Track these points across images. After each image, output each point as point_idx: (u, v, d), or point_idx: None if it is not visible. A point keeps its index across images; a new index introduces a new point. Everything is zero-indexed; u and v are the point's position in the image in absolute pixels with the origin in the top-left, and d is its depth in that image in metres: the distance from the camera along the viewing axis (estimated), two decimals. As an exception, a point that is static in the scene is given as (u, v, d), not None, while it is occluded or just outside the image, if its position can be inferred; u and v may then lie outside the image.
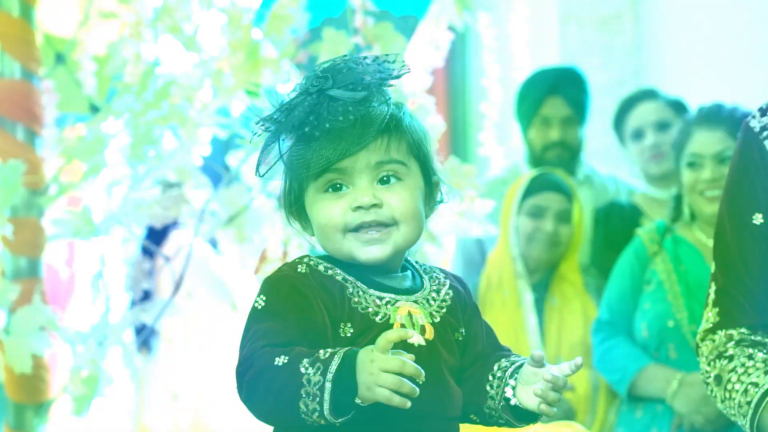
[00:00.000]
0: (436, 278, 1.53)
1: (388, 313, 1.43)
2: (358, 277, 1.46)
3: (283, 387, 1.31)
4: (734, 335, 1.72)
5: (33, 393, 2.82)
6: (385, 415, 1.37)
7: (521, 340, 2.95)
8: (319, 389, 1.28)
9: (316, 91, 1.42)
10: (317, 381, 1.28)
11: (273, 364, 1.31)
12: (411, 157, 1.48)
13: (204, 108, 3.02)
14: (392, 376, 1.26)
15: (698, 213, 2.72)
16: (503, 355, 1.51)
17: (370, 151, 1.43)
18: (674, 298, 2.69)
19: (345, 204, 1.44)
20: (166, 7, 2.96)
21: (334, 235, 1.45)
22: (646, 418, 2.69)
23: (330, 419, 1.29)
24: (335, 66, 1.44)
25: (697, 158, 2.69)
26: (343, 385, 1.28)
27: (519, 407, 1.44)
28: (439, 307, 1.49)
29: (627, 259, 2.82)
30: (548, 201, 2.99)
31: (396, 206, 1.44)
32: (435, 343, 1.45)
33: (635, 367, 2.69)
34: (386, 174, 1.45)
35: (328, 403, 1.28)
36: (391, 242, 1.45)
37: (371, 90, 1.43)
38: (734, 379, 1.67)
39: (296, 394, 1.29)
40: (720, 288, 1.74)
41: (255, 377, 1.33)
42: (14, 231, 2.77)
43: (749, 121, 1.75)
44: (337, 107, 1.40)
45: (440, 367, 1.45)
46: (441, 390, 1.44)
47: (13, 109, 2.84)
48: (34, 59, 2.87)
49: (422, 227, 1.49)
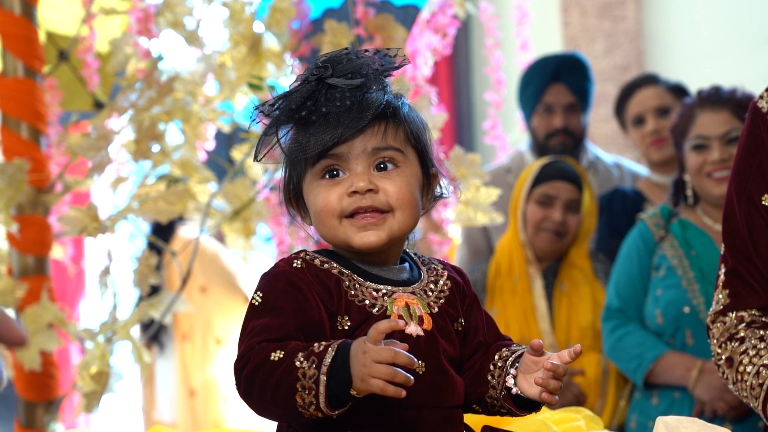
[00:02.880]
0: (434, 269, 1.54)
1: (385, 305, 1.43)
2: (355, 270, 1.46)
3: (279, 382, 1.31)
4: (745, 317, 1.71)
5: (43, 390, 2.83)
6: (386, 406, 1.38)
7: (531, 325, 2.95)
8: (314, 382, 1.28)
9: (315, 79, 1.43)
10: (312, 374, 1.29)
11: (269, 359, 1.32)
12: (408, 145, 1.48)
13: (208, 103, 3.02)
14: (385, 367, 1.25)
15: (705, 196, 2.70)
16: (504, 345, 1.51)
17: (367, 136, 1.44)
18: (689, 284, 2.67)
19: (341, 190, 1.44)
20: (167, 3, 2.96)
21: (330, 221, 1.45)
22: (663, 405, 2.68)
23: (326, 412, 1.30)
24: (335, 57, 1.45)
25: (703, 140, 2.67)
26: (337, 377, 1.28)
27: (520, 396, 1.44)
28: (437, 298, 1.49)
29: (633, 244, 2.80)
30: (558, 190, 2.98)
31: (392, 192, 1.45)
32: (433, 334, 1.45)
33: (652, 355, 2.66)
34: (383, 160, 1.45)
35: (323, 396, 1.28)
36: (387, 228, 1.45)
37: (369, 77, 1.43)
38: (746, 361, 1.67)
39: (293, 388, 1.30)
40: (730, 270, 1.74)
41: (252, 373, 1.34)
42: (20, 229, 2.78)
43: (757, 102, 1.74)
44: (335, 93, 1.41)
45: (439, 357, 1.45)
46: (441, 380, 1.44)
47: (17, 107, 2.84)
48: (36, 57, 2.87)
49: (418, 215, 1.50)
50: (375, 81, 1.44)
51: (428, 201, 1.54)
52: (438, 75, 6.01)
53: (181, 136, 3.03)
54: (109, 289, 2.83)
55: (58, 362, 2.99)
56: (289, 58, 2.93)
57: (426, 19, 3.13)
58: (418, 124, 1.50)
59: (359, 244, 1.44)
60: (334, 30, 2.70)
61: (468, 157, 2.70)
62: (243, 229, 3.03)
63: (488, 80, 4.12)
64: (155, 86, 2.81)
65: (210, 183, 3.03)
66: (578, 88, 3.38)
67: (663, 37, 5.53)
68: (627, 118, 3.38)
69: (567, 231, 2.98)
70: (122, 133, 2.90)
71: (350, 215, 1.45)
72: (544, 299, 2.99)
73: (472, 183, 2.71)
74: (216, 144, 3.11)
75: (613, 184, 3.44)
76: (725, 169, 2.61)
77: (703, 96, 2.71)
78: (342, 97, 1.41)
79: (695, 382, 2.59)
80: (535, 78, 3.41)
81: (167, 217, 2.81)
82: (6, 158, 2.82)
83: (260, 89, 2.86)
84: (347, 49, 1.47)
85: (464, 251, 3.46)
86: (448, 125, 6.22)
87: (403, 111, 1.48)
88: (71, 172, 3.13)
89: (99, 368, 2.67)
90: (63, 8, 3.39)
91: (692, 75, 3.99)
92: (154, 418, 4.76)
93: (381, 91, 1.44)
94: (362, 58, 1.45)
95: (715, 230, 2.67)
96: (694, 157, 2.69)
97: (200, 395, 4.62)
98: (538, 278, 3.01)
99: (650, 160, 3.34)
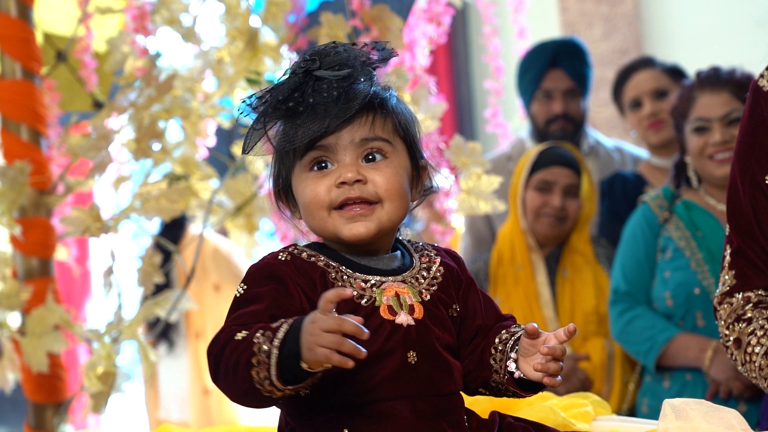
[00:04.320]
0: (428, 255, 1.54)
1: (373, 296, 1.43)
2: (343, 262, 1.46)
3: (239, 359, 1.31)
4: (752, 297, 1.71)
5: (51, 392, 2.83)
6: (378, 399, 1.38)
7: (535, 312, 2.95)
8: (267, 356, 1.28)
9: (303, 71, 1.43)
10: (266, 349, 1.28)
11: (234, 338, 1.33)
12: (397, 136, 1.48)
13: (207, 99, 3.02)
14: (332, 335, 1.24)
15: (708, 177, 2.70)
16: (503, 327, 1.51)
17: (355, 127, 1.44)
18: (698, 265, 2.66)
19: (330, 181, 1.45)
20: (163, 0, 2.95)
21: (319, 213, 1.46)
22: (675, 388, 2.67)
23: (278, 386, 1.29)
24: (323, 50, 1.46)
25: (704, 122, 2.66)
26: (287, 349, 1.28)
27: (524, 379, 1.44)
28: (429, 285, 1.49)
29: (638, 226, 2.79)
30: (556, 175, 2.98)
31: (380, 183, 1.45)
32: (425, 322, 1.45)
33: (664, 337, 2.65)
34: (371, 151, 1.45)
35: (274, 369, 1.28)
36: (375, 219, 1.45)
37: (356, 68, 1.44)
38: (754, 342, 1.67)
39: (249, 364, 1.30)
40: (735, 250, 1.73)
41: (219, 353, 1.35)
42: (24, 232, 2.78)
43: (758, 81, 1.73)
44: (321, 85, 1.42)
45: (432, 345, 1.44)
46: (435, 368, 1.44)
47: (16, 110, 2.84)
48: (34, 59, 2.86)
49: (407, 206, 1.49)
50: (362, 72, 1.44)
51: (418, 193, 1.54)
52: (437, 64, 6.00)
53: (182, 133, 3.03)
54: (113, 288, 2.83)
55: (67, 363, 2.99)
56: (286, 52, 2.92)
57: (423, 9, 3.12)
58: (407, 116, 1.51)
59: (348, 236, 1.45)
60: (330, 22, 2.69)
61: (468, 145, 2.69)
62: (246, 225, 3.03)
63: (487, 68, 4.11)
64: (154, 84, 2.81)
65: (212, 179, 3.03)
66: (576, 73, 3.38)
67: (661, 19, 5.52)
68: (624, 101, 3.38)
69: (567, 216, 2.99)
70: (122, 132, 2.90)
71: (339, 207, 1.45)
72: (547, 286, 2.99)
73: (474, 171, 2.70)
74: (217, 140, 3.10)
75: (615, 168, 3.44)
76: (727, 150, 2.60)
77: (703, 77, 2.70)
78: (329, 88, 1.41)
79: (710, 362, 2.58)
80: (533, 64, 3.41)
81: (170, 215, 2.81)
82: (7, 161, 2.81)
83: (258, 84, 2.85)
84: (335, 42, 1.47)
85: (468, 240, 3.46)
86: (449, 115, 6.21)
87: (391, 102, 1.49)
88: (72, 172, 3.13)
89: (105, 368, 2.67)
90: (59, 8, 3.38)
91: (691, 57, 3.98)
92: (159, 417, 4.76)
93: (368, 82, 1.45)
94: (350, 51, 1.45)
95: (719, 210, 2.67)
96: (696, 140, 2.68)
97: (214, 394, 4.62)
98: (540, 265, 3.01)
99: (649, 143, 3.33)
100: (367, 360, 1.32)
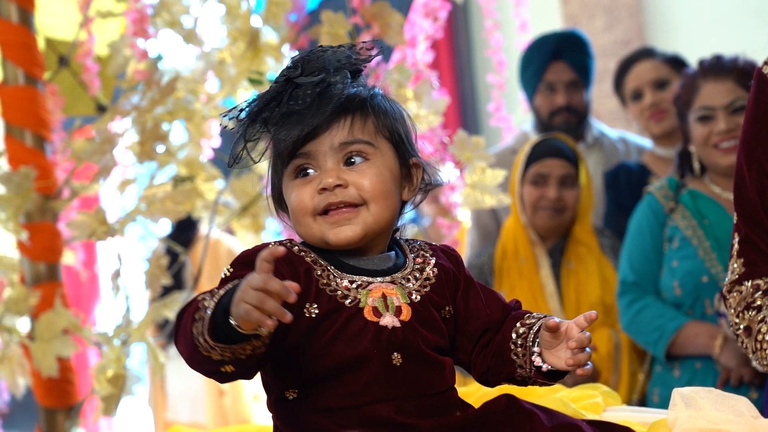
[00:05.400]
0: (423, 256, 1.52)
1: (358, 297, 1.43)
2: (332, 261, 1.46)
3: (188, 317, 1.33)
4: (761, 285, 1.71)
5: (62, 396, 2.84)
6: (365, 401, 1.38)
7: (541, 305, 2.95)
8: (205, 311, 1.29)
9: (284, 79, 1.43)
10: (206, 305, 1.30)
11: (191, 304, 1.34)
12: (380, 137, 1.47)
13: (210, 100, 3.02)
14: (256, 293, 1.22)
15: (713, 166, 2.69)
16: (516, 318, 1.50)
17: (333, 132, 1.44)
18: (705, 253, 2.65)
19: (312, 188, 1.45)
20: (164, 2, 2.95)
21: (305, 219, 1.46)
22: (686, 377, 2.66)
23: (208, 340, 1.28)
24: (307, 55, 1.45)
25: (708, 111, 2.65)
26: (221, 304, 1.28)
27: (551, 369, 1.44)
28: (421, 286, 1.48)
29: (644, 217, 2.79)
30: (549, 167, 2.98)
31: (363, 186, 1.44)
32: (411, 324, 1.43)
33: (674, 326, 2.65)
34: (351, 154, 1.45)
35: (207, 322, 1.28)
36: (361, 222, 1.45)
37: (329, 72, 1.42)
38: (764, 330, 1.67)
39: (193, 319, 1.31)
40: (743, 238, 1.73)
41: (179, 316, 1.37)
42: (30, 237, 2.78)
43: (762, 68, 1.72)
44: (298, 92, 1.41)
45: (419, 346, 1.43)
46: (422, 369, 1.43)
47: (20, 115, 2.84)
48: (36, 64, 2.86)
49: (395, 206, 1.48)
50: (337, 75, 1.43)
51: (411, 192, 1.53)
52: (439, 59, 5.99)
53: (186, 135, 3.03)
54: (121, 291, 2.83)
55: (77, 367, 2.99)
56: (288, 51, 2.93)
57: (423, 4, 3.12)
58: (391, 115, 1.49)
59: (335, 241, 1.45)
60: (331, 20, 2.69)
61: (472, 140, 2.69)
62: (252, 225, 3.04)
63: (490, 62, 4.11)
64: (156, 87, 2.81)
65: (217, 180, 3.03)
66: (579, 64, 3.38)
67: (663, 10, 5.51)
68: (625, 92, 3.37)
69: (565, 206, 2.99)
70: (126, 135, 2.90)
71: (324, 212, 1.45)
72: (551, 278, 2.99)
73: (478, 165, 2.70)
74: (221, 141, 3.11)
75: (619, 159, 3.43)
76: (732, 139, 2.59)
77: (706, 66, 2.69)
78: (304, 94, 1.41)
79: (720, 349, 2.57)
80: (535, 57, 3.41)
81: (176, 217, 2.81)
82: (12, 167, 2.82)
83: (260, 84, 2.86)
84: (323, 46, 1.47)
85: (474, 234, 3.46)
86: (453, 110, 6.21)
87: (372, 102, 1.47)
88: (78, 177, 3.13)
89: (115, 371, 2.67)
90: (60, 13, 3.38)
91: (694, 47, 3.97)
92: (167, 418, 4.76)
93: (342, 85, 1.43)
94: (336, 54, 1.44)
95: (725, 198, 2.66)
96: (700, 129, 2.67)
97: (229, 394, 4.63)
98: (544, 258, 3.01)
99: (651, 134, 3.33)
100: (350, 363, 1.33)
